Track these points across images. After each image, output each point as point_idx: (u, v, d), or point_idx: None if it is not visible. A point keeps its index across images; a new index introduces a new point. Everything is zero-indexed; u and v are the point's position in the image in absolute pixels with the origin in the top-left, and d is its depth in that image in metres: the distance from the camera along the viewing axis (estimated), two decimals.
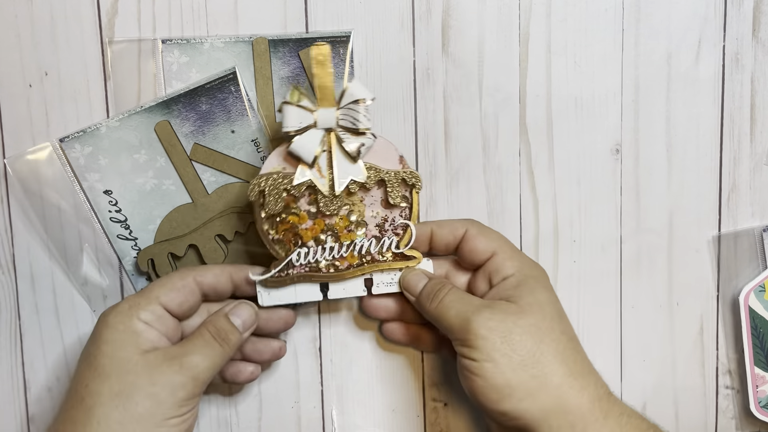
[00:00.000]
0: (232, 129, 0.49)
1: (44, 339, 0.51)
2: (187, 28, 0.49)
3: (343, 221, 0.47)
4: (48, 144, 0.49)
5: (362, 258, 0.47)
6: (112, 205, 0.49)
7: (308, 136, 0.45)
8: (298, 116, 0.45)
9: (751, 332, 0.52)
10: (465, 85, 0.51)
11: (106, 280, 0.50)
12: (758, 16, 0.52)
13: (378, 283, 0.48)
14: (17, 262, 0.50)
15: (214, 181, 0.50)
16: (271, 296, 0.47)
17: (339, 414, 0.53)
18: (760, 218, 0.53)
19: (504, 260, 0.46)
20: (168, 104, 0.49)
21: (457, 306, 0.44)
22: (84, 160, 0.49)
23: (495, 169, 0.52)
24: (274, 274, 0.46)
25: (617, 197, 0.53)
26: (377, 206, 0.47)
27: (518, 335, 0.43)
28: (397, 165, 0.47)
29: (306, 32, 0.50)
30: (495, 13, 0.51)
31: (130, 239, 0.50)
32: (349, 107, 0.45)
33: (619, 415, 0.43)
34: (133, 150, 0.49)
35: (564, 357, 0.43)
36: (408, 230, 0.48)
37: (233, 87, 0.49)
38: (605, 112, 0.52)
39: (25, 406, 0.51)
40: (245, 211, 0.49)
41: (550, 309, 0.44)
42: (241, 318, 0.46)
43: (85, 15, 0.49)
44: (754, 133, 0.53)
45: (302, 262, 0.46)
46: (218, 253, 0.49)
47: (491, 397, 0.42)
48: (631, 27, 0.52)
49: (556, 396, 0.42)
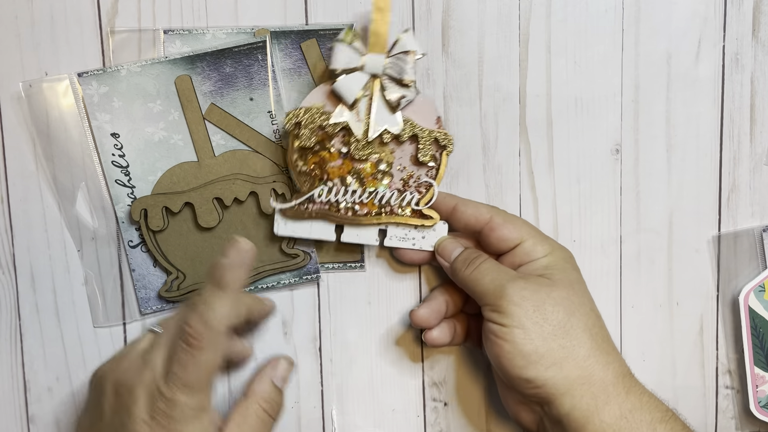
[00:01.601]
0: (251, 96, 0.49)
1: (44, 339, 0.51)
2: (187, 21, 0.50)
3: (370, 167, 0.48)
4: (65, 76, 0.49)
5: (381, 208, 0.48)
6: (117, 149, 0.49)
7: (353, 77, 0.46)
8: (348, 56, 0.46)
9: (751, 332, 0.52)
10: (465, 85, 0.51)
11: (96, 222, 0.50)
12: (758, 16, 0.52)
13: (391, 236, 0.49)
14: (17, 262, 0.50)
15: (223, 145, 0.50)
16: (288, 227, 0.48)
17: (339, 414, 0.53)
18: (759, 218, 0.53)
19: (534, 245, 0.47)
20: (193, 60, 0.49)
21: (492, 274, 0.45)
22: (98, 98, 0.49)
23: (495, 169, 0.52)
24: (295, 205, 0.47)
25: (617, 197, 0.53)
26: (406, 161, 0.48)
27: (551, 306, 0.44)
28: (434, 125, 0.48)
29: (306, 24, 0.50)
30: (495, 13, 0.51)
31: (127, 186, 0.49)
32: (399, 57, 0.46)
33: (641, 394, 0.43)
34: (149, 98, 0.49)
35: (592, 332, 0.44)
36: (431, 190, 0.48)
37: (261, 55, 0.49)
38: (605, 112, 0.52)
39: (25, 406, 0.51)
40: (248, 179, 0.49)
41: (580, 287, 0.46)
42: (282, 376, 0.48)
43: (85, 15, 0.49)
44: (754, 133, 0.53)
45: (323, 199, 0.47)
46: (212, 216, 0.49)
47: (517, 363, 0.43)
48: (631, 27, 0.52)
49: (582, 367, 0.43)
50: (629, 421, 0.42)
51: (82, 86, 0.48)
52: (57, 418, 0.51)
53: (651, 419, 0.42)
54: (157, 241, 0.50)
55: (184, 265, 0.50)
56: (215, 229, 0.50)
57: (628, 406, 0.42)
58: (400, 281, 0.52)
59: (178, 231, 0.50)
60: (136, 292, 0.51)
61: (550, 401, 0.43)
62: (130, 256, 0.50)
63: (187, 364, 0.42)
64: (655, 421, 0.42)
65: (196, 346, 0.42)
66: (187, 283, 0.50)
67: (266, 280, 0.51)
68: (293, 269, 0.51)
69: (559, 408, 0.43)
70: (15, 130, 0.50)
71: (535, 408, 0.45)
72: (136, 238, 0.50)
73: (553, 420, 0.44)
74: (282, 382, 0.48)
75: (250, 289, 0.51)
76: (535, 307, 0.43)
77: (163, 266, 0.50)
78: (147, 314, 0.51)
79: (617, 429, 0.42)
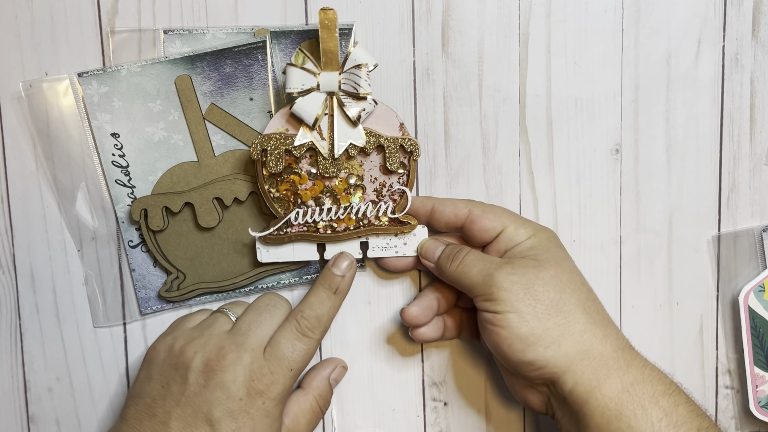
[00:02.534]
0: (251, 96, 0.49)
1: (44, 339, 0.51)
2: (187, 21, 0.50)
3: (342, 184, 0.48)
4: (66, 76, 0.49)
5: (359, 221, 0.48)
6: (117, 149, 0.49)
7: (310, 98, 0.46)
8: (302, 78, 0.46)
9: (750, 332, 0.52)
10: (465, 85, 0.51)
11: (96, 222, 0.50)
12: (758, 16, 0.52)
13: (373, 247, 0.49)
14: (17, 262, 0.50)
15: (223, 145, 0.50)
16: (270, 253, 0.49)
17: (339, 414, 0.53)
18: (759, 218, 0.53)
19: (516, 229, 0.47)
20: (193, 60, 0.49)
21: (478, 265, 0.45)
22: (98, 98, 0.49)
23: (495, 169, 0.52)
24: (273, 231, 0.47)
25: (617, 197, 0.53)
26: (376, 171, 0.48)
27: (541, 286, 0.44)
28: (397, 132, 0.48)
29: (306, 24, 0.50)
30: (495, 13, 0.51)
31: (128, 186, 0.49)
32: (352, 72, 0.46)
33: (642, 366, 0.43)
34: (149, 98, 0.49)
35: (585, 306, 0.44)
36: (405, 196, 0.48)
37: (261, 55, 0.49)
38: (605, 112, 0.52)
39: (25, 406, 0.51)
40: (248, 179, 0.50)
41: (567, 263, 0.46)
42: (336, 377, 0.51)
43: (85, 15, 0.49)
44: (754, 133, 0.53)
45: (300, 221, 0.48)
46: (213, 216, 0.49)
47: (517, 347, 0.43)
48: (631, 27, 0.52)
49: (580, 342, 0.43)
50: (631, 394, 0.42)
51: (83, 86, 0.48)
52: (57, 418, 0.51)
53: (653, 392, 0.42)
54: (157, 241, 0.50)
55: (184, 265, 0.50)
56: (215, 229, 0.50)
57: (629, 380, 0.42)
58: (399, 281, 0.52)
59: (178, 231, 0.50)
60: (136, 292, 0.51)
61: (553, 380, 0.43)
62: (130, 256, 0.50)
63: (298, 350, 0.45)
64: (657, 394, 0.42)
65: (309, 337, 0.46)
66: (188, 282, 0.50)
67: (266, 280, 0.51)
68: (293, 269, 0.51)
69: (563, 386, 0.43)
70: (15, 130, 0.50)
71: (542, 389, 0.45)
72: (136, 238, 0.50)
73: (559, 399, 0.44)
74: (335, 383, 0.51)
75: (250, 289, 0.51)
76: (525, 290, 0.44)
77: (163, 266, 0.50)
78: (147, 314, 0.51)
79: (619, 403, 0.42)
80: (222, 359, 0.44)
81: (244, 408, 0.44)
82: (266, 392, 0.44)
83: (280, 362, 0.45)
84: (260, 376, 0.44)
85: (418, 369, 0.53)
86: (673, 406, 0.42)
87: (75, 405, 0.51)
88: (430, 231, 0.50)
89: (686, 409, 0.42)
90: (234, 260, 0.50)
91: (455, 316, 0.51)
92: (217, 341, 0.45)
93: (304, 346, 0.46)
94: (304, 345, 0.46)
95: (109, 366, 0.51)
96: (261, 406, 0.44)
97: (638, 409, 0.41)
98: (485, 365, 0.53)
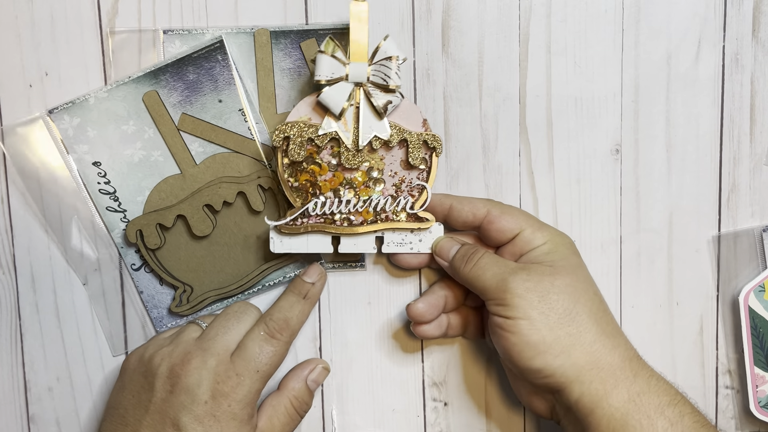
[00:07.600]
0: (219, 98, 0.49)
1: (44, 339, 0.51)
2: (187, 21, 0.50)
3: (362, 176, 0.48)
4: (38, 115, 0.49)
5: (377, 215, 0.48)
6: (101, 177, 0.49)
7: (338, 87, 0.46)
8: (331, 66, 0.46)
9: (750, 332, 0.52)
10: (465, 85, 0.51)
11: (96, 252, 0.50)
12: (758, 17, 0.52)
13: (389, 242, 0.48)
14: (17, 262, 0.50)
15: (202, 152, 0.50)
16: (284, 243, 0.48)
17: (339, 414, 0.53)
18: (759, 218, 0.53)
19: (533, 233, 0.47)
20: (155, 74, 0.49)
21: (493, 268, 0.45)
22: (73, 131, 0.49)
23: (495, 169, 0.52)
24: (289, 221, 0.47)
25: (617, 197, 0.53)
26: (396, 166, 0.48)
27: (555, 294, 0.44)
28: (420, 128, 0.48)
29: (306, 24, 0.50)
30: (495, 13, 0.51)
31: (119, 211, 0.50)
32: (382, 63, 0.46)
33: (649, 377, 0.43)
34: (121, 121, 0.49)
35: (597, 317, 0.44)
36: (424, 192, 0.48)
37: (220, 56, 0.49)
38: (605, 113, 0.52)
39: (25, 406, 0.51)
40: (233, 180, 0.50)
41: (582, 272, 0.46)
42: (315, 378, 0.50)
43: (85, 15, 0.49)
44: (754, 133, 0.53)
45: (318, 212, 0.47)
46: (206, 224, 0.49)
47: (526, 354, 0.43)
48: (631, 27, 0.52)
49: (589, 353, 0.43)
50: (637, 404, 0.42)
51: (55, 122, 0.49)
52: (57, 418, 0.51)
53: (659, 403, 0.42)
54: (158, 258, 0.50)
55: (189, 277, 0.50)
56: (212, 235, 0.50)
57: (636, 390, 0.42)
58: (400, 281, 0.52)
59: (176, 245, 0.50)
60: (148, 313, 0.51)
61: (560, 389, 0.43)
62: (135, 279, 0.50)
63: (266, 352, 0.46)
64: (663, 405, 0.42)
65: (277, 339, 0.47)
66: (196, 294, 0.50)
67: (271, 277, 0.51)
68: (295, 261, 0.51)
69: (569, 395, 0.43)
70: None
71: (547, 396, 0.45)
72: (137, 261, 0.50)
73: (565, 407, 0.44)
74: (314, 384, 0.50)
75: (258, 289, 0.51)
76: (540, 298, 0.43)
77: (169, 282, 0.50)
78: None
79: (625, 413, 0.42)
80: (186, 364, 0.44)
81: (210, 411, 0.44)
82: (231, 394, 0.44)
83: (246, 364, 0.45)
84: (225, 378, 0.44)
85: (419, 369, 0.53)
86: (678, 416, 0.42)
87: (75, 405, 0.51)
88: (446, 229, 0.49)
89: (691, 420, 0.42)
90: (237, 262, 0.50)
91: (461, 314, 0.51)
92: (184, 347, 0.46)
93: (271, 348, 0.46)
94: (272, 347, 0.46)
95: (109, 366, 0.51)
96: (227, 408, 0.44)
97: (644, 419, 0.41)
98: (485, 365, 0.53)
